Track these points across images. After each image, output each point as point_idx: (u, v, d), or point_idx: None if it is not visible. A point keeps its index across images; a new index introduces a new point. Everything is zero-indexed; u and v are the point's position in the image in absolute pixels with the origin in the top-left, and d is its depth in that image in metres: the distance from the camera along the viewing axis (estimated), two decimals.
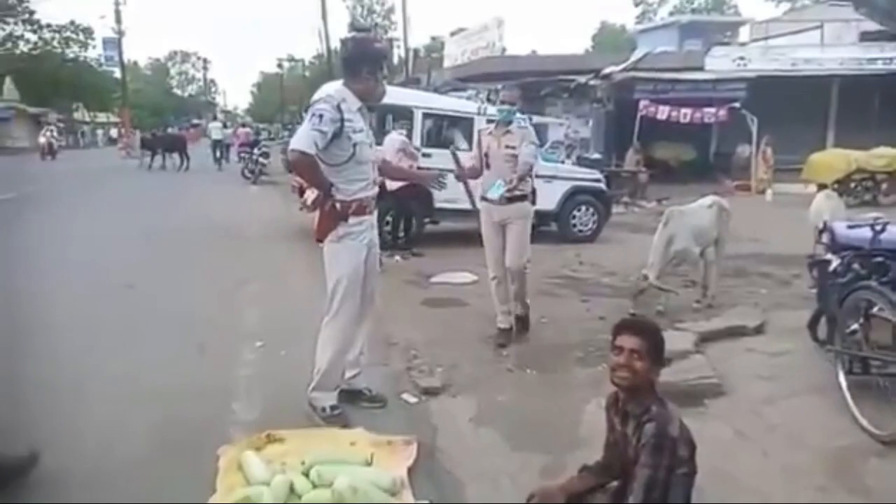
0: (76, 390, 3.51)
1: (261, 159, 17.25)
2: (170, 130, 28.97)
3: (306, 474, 2.48)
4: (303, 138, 3.04)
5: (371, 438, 2.89)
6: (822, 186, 14.69)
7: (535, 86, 16.55)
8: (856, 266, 3.84)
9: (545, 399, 3.67)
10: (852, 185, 13.73)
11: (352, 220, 3.16)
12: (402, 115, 8.13)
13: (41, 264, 6.74)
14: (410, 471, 2.67)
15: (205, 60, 72.15)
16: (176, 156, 21.07)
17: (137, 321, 4.86)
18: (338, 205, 3.14)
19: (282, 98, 49.61)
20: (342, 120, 3.05)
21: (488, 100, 10.92)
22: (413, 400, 3.56)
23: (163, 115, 49.05)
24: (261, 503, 2.24)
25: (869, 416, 3.17)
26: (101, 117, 46.99)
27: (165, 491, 2.53)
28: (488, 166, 4.61)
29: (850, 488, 2.74)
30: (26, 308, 5.04)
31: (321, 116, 3.01)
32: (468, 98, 11.20)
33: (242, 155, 18.59)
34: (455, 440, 3.10)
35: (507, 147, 4.53)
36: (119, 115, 38.68)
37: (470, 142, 8.54)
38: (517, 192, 4.50)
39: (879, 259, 3.82)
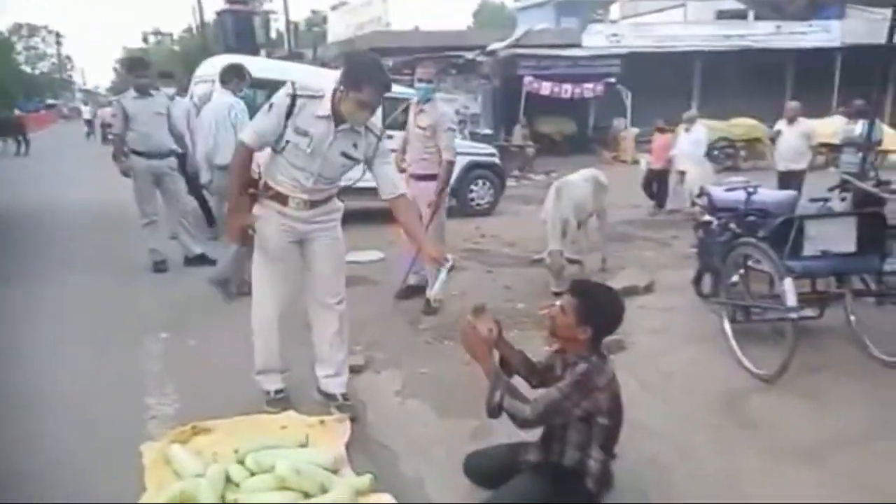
0: None
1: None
2: (17, 112, 25.93)
3: (241, 462, 2.42)
4: (247, 129, 2.98)
5: (303, 420, 2.86)
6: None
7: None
8: (732, 225, 4.27)
9: (464, 367, 3.77)
10: (715, 152, 15.00)
11: (264, 202, 2.99)
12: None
13: None
14: (347, 447, 2.69)
15: (57, 34, 65.19)
16: (10, 140, 18.98)
17: (24, 322, 4.45)
18: (260, 182, 3.01)
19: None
20: (290, 114, 2.80)
21: None
22: None
23: (11, 96, 43.98)
24: (198, 495, 2.16)
25: (751, 359, 3.58)
26: None
27: (91, 495, 2.37)
28: (409, 142, 4.77)
29: (739, 423, 3.09)
30: None
31: (271, 106, 2.83)
32: None
33: (108, 136, 17.16)
34: (384, 414, 3.15)
35: (418, 127, 4.61)
36: None
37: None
38: (428, 171, 4.71)
39: (752, 218, 4.27)
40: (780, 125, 8.29)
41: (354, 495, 2.27)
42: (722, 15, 22.28)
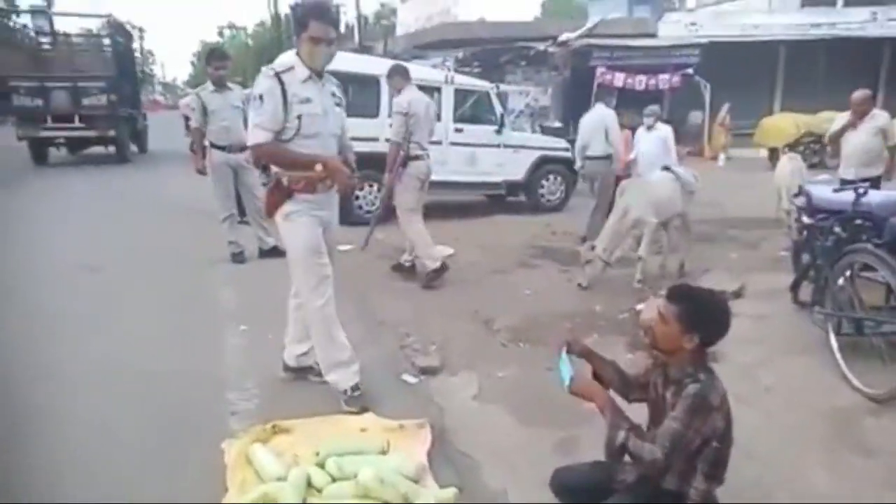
0: (56, 384, 3.28)
1: None
2: None
3: (321, 466, 2.37)
4: (252, 131, 2.94)
5: (382, 423, 2.79)
6: (772, 150, 15.21)
7: (493, 53, 16.37)
8: (838, 229, 3.93)
9: (543, 372, 3.63)
10: (801, 148, 14.15)
11: (299, 196, 3.00)
12: (367, 84, 7.83)
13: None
14: (428, 455, 2.60)
15: (140, 29, 68.29)
16: None
17: (110, 308, 4.60)
18: (284, 180, 2.98)
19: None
20: (283, 90, 2.88)
21: (455, 69, 10.69)
22: (413, 380, 3.47)
23: None
24: (282, 502, 2.12)
25: (860, 376, 3.27)
26: None
27: (172, 491, 2.38)
28: None
29: (851, 447, 2.81)
30: None
31: (261, 97, 2.88)
32: (433, 66, 10.94)
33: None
34: (463, 420, 3.04)
35: None
36: None
37: (438, 111, 8.39)
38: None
39: (859, 221, 3.92)
40: (845, 120, 6.17)
41: None
42: (808, 2, 20.99)
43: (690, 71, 15.82)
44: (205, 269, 5.65)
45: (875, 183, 5.73)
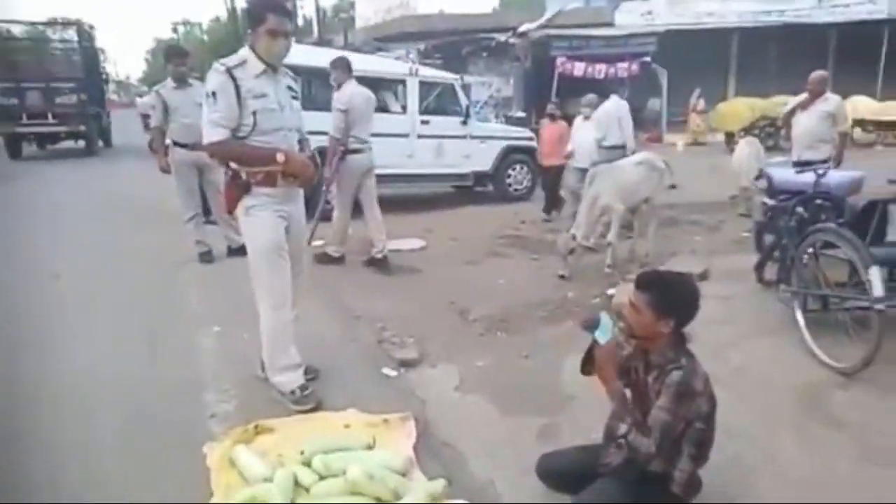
0: (23, 397, 3.16)
1: None
2: None
3: (308, 464, 2.35)
4: (208, 129, 2.87)
5: (365, 419, 2.77)
6: (729, 134, 15.61)
7: (455, 45, 16.37)
8: (800, 209, 4.05)
9: (522, 360, 3.68)
10: (756, 131, 14.54)
11: (257, 190, 2.93)
12: (328, 78, 7.70)
13: None
14: (414, 448, 2.59)
15: (90, 27, 66.03)
16: None
17: (77, 314, 4.46)
18: (242, 174, 2.91)
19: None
20: (236, 86, 2.82)
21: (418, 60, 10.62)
22: (393, 373, 3.46)
23: None
24: (269, 502, 2.09)
25: (826, 350, 3.38)
26: None
27: (156, 496, 2.32)
28: None
29: (824, 422, 2.91)
30: None
31: (213, 94, 2.81)
32: (397, 58, 10.85)
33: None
34: (445, 411, 3.04)
35: None
36: None
37: (403, 104, 8.35)
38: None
39: (819, 201, 4.05)
40: (791, 101, 6.28)
41: (429, 502, 2.16)
42: None
43: (648, 59, 16.11)
44: (173, 270, 5.50)
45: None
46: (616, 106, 7.25)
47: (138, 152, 6.73)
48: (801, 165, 5.05)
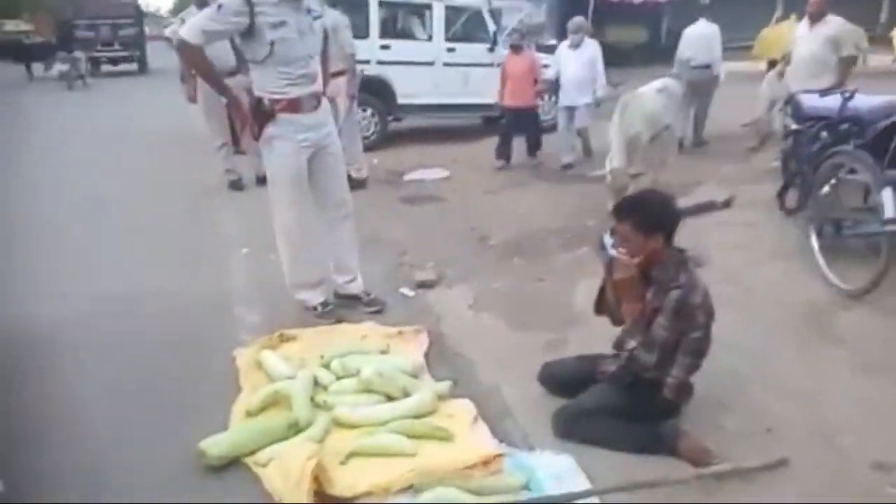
0: (71, 312, 3.42)
1: None
2: None
3: (327, 367, 2.56)
4: (190, 25, 2.86)
5: (382, 330, 2.97)
6: (772, 63, 14.86)
7: None
8: (824, 134, 3.98)
9: (536, 283, 3.81)
10: None
11: (281, 118, 2.96)
12: (354, 4, 7.63)
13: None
14: (426, 356, 2.78)
15: None
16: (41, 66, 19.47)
17: (115, 236, 4.73)
18: (266, 101, 2.95)
19: None
20: (252, 14, 2.77)
21: None
22: (411, 293, 3.64)
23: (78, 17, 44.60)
24: (291, 396, 2.30)
25: (838, 274, 3.41)
26: (9, 25, 42.59)
27: (189, 395, 2.57)
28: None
29: (824, 339, 2.99)
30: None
31: (220, 7, 2.78)
32: None
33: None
34: (459, 326, 3.22)
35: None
36: (34, 22, 35.05)
37: (428, 31, 8.23)
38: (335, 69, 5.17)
39: (846, 126, 3.96)
40: (799, 27, 5.81)
41: (436, 399, 2.36)
42: None
43: None
44: (206, 196, 5.74)
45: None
46: (705, 29, 7.35)
47: (174, 75, 6.90)
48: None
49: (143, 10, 24.96)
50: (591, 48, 6.71)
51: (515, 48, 6.90)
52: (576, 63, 6.60)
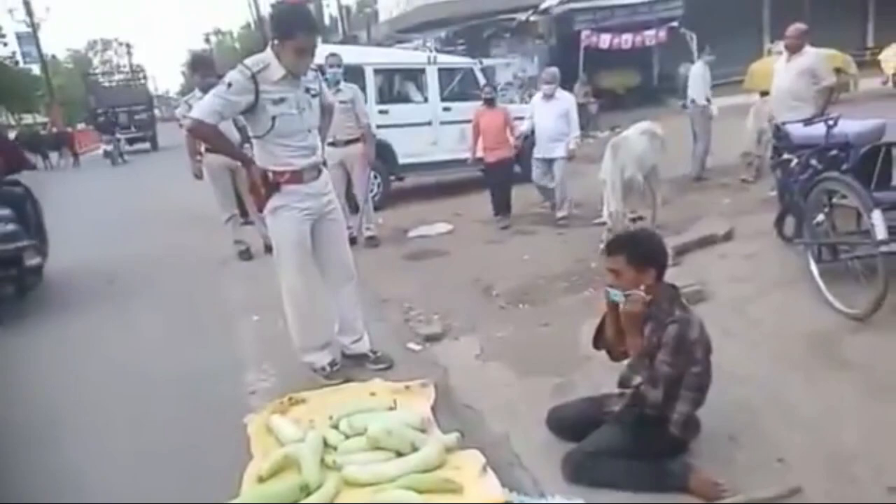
0: (86, 384, 3.53)
1: None
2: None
3: (335, 427, 2.59)
4: (203, 105, 3.00)
5: (389, 386, 3.01)
6: (764, 94, 15.12)
7: (476, 29, 16.41)
8: (813, 161, 4.06)
9: (541, 328, 3.84)
10: None
11: (285, 189, 3.08)
12: (352, 73, 7.95)
13: None
14: (433, 409, 2.80)
15: (128, 45, 68.84)
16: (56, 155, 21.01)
17: (129, 309, 4.87)
18: (270, 174, 3.08)
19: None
20: (257, 91, 2.92)
21: (437, 49, 10.77)
22: (418, 348, 3.68)
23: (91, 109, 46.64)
24: (301, 459, 2.33)
25: (840, 298, 3.43)
26: (28, 119, 44.47)
27: (201, 462, 2.60)
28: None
29: (832, 365, 2.98)
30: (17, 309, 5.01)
31: (230, 85, 2.91)
32: (415, 49, 11.03)
33: None
34: (466, 377, 3.23)
35: (340, 102, 5.38)
36: (48, 115, 36.63)
37: (424, 93, 8.53)
38: (351, 137, 5.90)
39: (834, 152, 4.04)
40: (778, 60, 5.96)
41: (444, 452, 2.37)
42: None
43: (675, 24, 15.75)
44: (215, 267, 5.88)
45: None
46: (697, 66, 8.17)
47: (181, 150, 7.21)
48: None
49: (153, 93, 28.75)
50: (565, 100, 6.52)
51: (488, 102, 6.69)
52: (550, 115, 6.42)
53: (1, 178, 5.37)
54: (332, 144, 5.65)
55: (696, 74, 8.08)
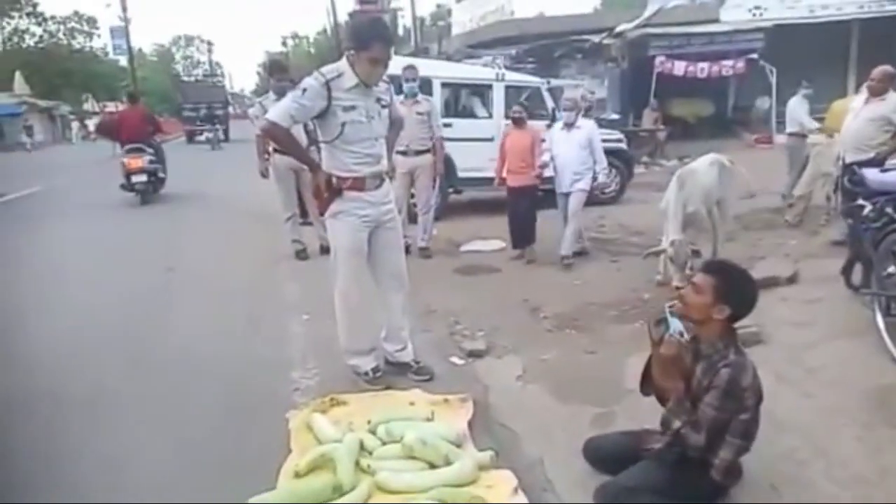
0: (139, 370, 3.70)
1: None
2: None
3: (373, 432, 2.64)
4: (278, 109, 3.12)
5: (428, 398, 3.04)
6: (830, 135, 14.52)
7: (547, 48, 16.39)
8: (889, 210, 3.88)
9: (586, 356, 3.80)
10: None
11: (347, 195, 3.18)
12: (420, 85, 8.09)
13: (81, 253, 6.97)
14: (470, 425, 2.82)
15: (209, 43, 72.15)
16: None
17: (188, 301, 5.09)
18: (334, 179, 3.17)
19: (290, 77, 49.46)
20: (329, 98, 3.03)
21: (506, 66, 10.83)
22: (460, 362, 3.70)
23: (171, 101, 49.04)
24: (337, 459, 2.39)
25: None
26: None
27: (242, 453, 2.70)
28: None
29: (889, 423, 2.83)
30: (78, 292, 5.31)
31: (304, 91, 3.02)
32: (484, 65, 11.13)
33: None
34: (506, 397, 3.24)
35: (417, 114, 5.86)
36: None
37: (489, 109, 8.58)
38: (423, 147, 6.02)
39: None
40: (856, 98, 5.87)
41: (476, 469, 2.38)
42: None
43: (755, 56, 15.31)
44: (272, 265, 6.08)
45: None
46: (795, 100, 8.17)
47: (250, 143, 7.55)
48: (847, 167, 4.77)
49: (229, 91, 32.80)
50: (587, 128, 5.96)
51: (517, 122, 6.07)
52: (569, 145, 5.87)
53: (150, 139, 10.51)
54: (403, 153, 5.79)
55: (793, 107, 8.20)
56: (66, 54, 39.52)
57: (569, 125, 5.92)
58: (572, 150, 5.86)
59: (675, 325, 2.28)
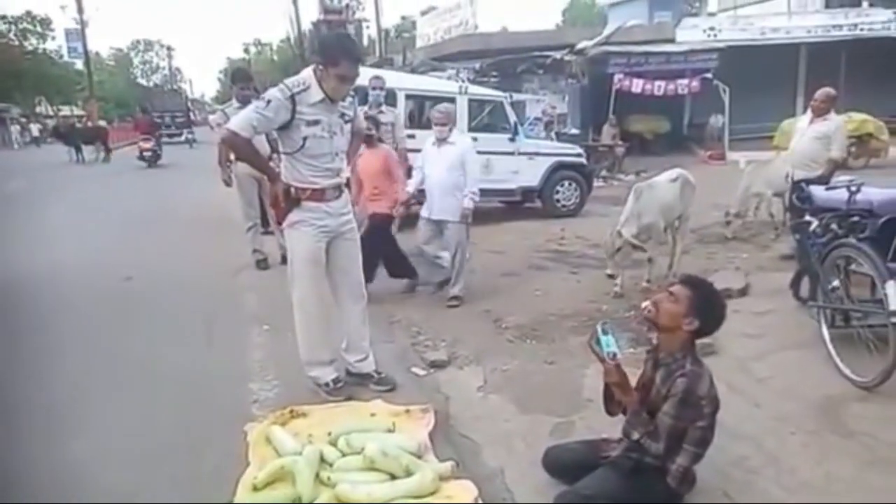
0: (94, 380, 3.60)
1: None
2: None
3: (333, 444, 2.62)
4: (240, 118, 3.09)
5: (390, 408, 3.03)
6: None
7: (510, 63, 16.63)
8: (833, 226, 4.05)
9: (546, 366, 3.84)
10: None
11: (305, 205, 3.17)
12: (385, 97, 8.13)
13: (40, 260, 6.73)
14: (431, 436, 2.82)
15: (169, 48, 70.75)
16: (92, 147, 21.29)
17: (143, 312, 4.95)
18: (292, 189, 3.16)
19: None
20: (294, 112, 3.02)
21: (470, 80, 10.94)
22: (422, 373, 3.71)
23: (128, 107, 47.90)
24: (296, 471, 2.36)
25: (851, 365, 3.40)
26: (65, 111, 45.79)
27: (198, 466, 2.65)
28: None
29: (835, 431, 2.95)
30: (33, 303, 5.12)
31: (269, 102, 2.99)
32: (448, 78, 11.24)
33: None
34: (467, 407, 3.26)
35: (382, 123, 5.90)
36: (85, 109, 37.77)
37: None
38: None
39: (855, 218, 4.03)
40: (802, 119, 6.31)
41: (437, 480, 2.39)
42: (832, 3, 20.84)
43: (709, 75, 15.85)
44: (232, 274, 5.98)
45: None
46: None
47: (210, 146, 7.44)
48: (795, 184, 5.09)
49: (189, 97, 35.37)
50: (461, 145, 5.01)
51: (367, 140, 4.63)
52: (441, 164, 4.98)
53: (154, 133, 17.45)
54: None
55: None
56: (17, 55, 38.17)
57: (440, 140, 4.98)
58: (442, 170, 4.97)
59: (607, 344, 2.33)
